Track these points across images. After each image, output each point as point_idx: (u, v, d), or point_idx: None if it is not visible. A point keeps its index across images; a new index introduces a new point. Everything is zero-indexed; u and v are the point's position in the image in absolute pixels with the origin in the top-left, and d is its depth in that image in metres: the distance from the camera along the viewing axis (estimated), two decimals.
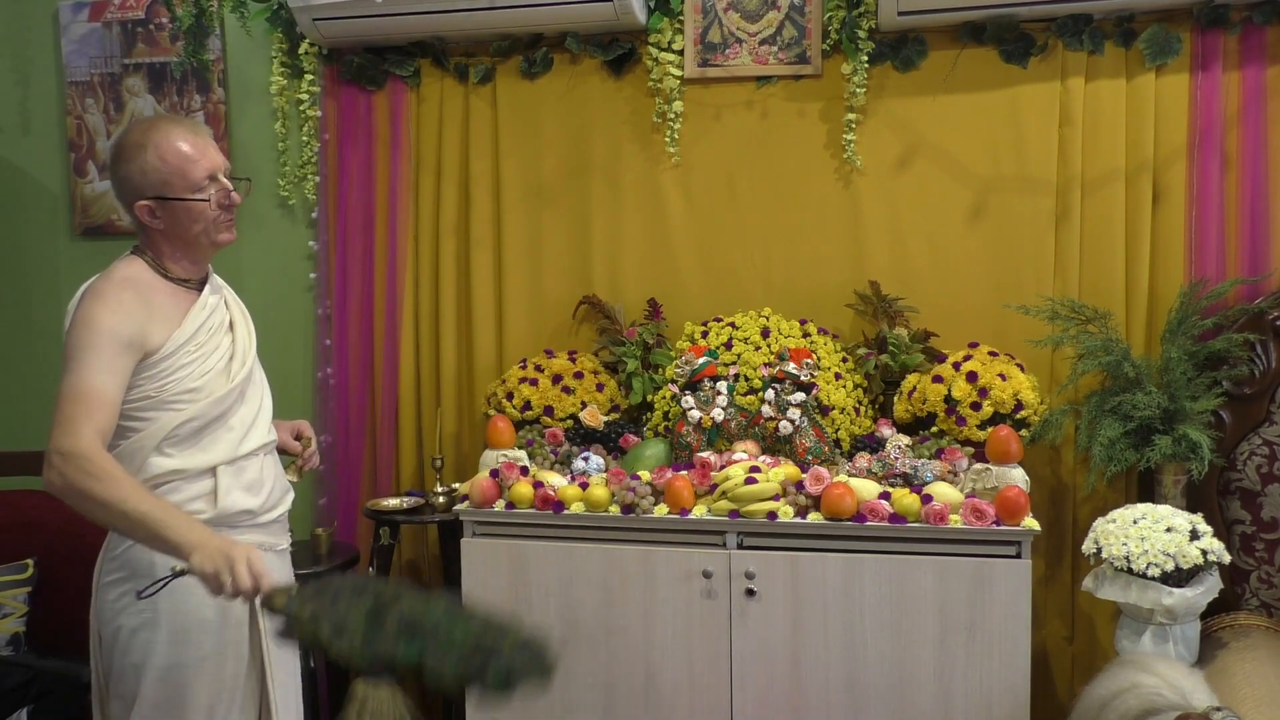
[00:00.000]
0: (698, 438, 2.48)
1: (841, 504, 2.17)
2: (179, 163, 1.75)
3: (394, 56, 2.91)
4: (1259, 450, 2.42)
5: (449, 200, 2.92)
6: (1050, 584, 2.64)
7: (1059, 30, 2.55)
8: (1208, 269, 2.51)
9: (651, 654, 2.29)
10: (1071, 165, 2.58)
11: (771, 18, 2.72)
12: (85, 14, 3.15)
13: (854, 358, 2.64)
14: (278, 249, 3.11)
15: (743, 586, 2.22)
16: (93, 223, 3.21)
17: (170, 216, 1.77)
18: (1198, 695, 1.79)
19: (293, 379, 3.10)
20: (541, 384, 2.66)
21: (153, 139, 1.75)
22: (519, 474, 2.40)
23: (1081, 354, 2.45)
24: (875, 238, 2.71)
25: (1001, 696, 2.14)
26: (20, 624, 2.67)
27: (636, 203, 2.83)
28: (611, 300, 2.82)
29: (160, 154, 1.74)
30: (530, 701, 2.33)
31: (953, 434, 2.44)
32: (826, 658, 2.21)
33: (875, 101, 2.68)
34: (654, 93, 2.79)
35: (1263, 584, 2.42)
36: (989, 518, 2.12)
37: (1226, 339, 2.41)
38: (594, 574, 2.30)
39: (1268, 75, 2.49)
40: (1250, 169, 2.51)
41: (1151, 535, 2.08)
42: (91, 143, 3.18)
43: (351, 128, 2.97)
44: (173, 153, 1.75)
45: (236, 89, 3.10)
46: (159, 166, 1.74)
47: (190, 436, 1.75)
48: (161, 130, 1.76)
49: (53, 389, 1.66)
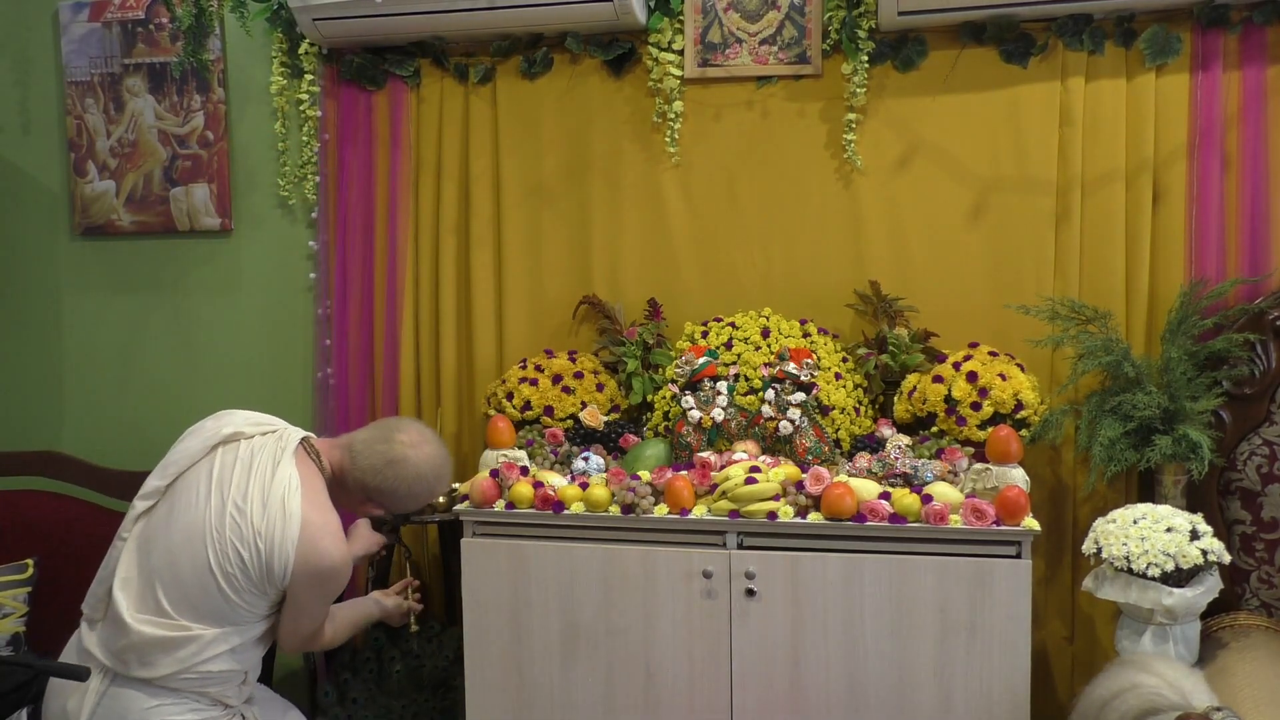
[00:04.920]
0: (698, 438, 2.48)
1: (841, 504, 2.17)
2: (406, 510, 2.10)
3: (394, 56, 2.91)
4: (1259, 450, 2.42)
5: (449, 200, 2.92)
6: (1050, 584, 2.64)
7: (1059, 30, 2.56)
8: (1208, 269, 2.51)
9: (651, 654, 2.29)
10: (1071, 165, 2.58)
11: (771, 18, 2.72)
12: (85, 14, 3.15)
13: (854, 358, 2.64)
14: (278, 249, 3.11)
15: (743, 586, 2.22)
16: (92, 223, 3.21)
17: (364, 512, 2.07)
18: (1198, 695, 1.79)
19: (293, 379, 3.10)
20: (541, 384, 2.66)
21: (419, 496, 2.03)
22: (519, 474, 2.40)
23: (1081, 354, 2.45)
24: (875, 238, 2.71)
25: (1001, 696, 2.14)
26: (20, 624, 2.67)
27: (636, 203, 2.83)
28: (611, 300, 2.82)
29: (405, 503, 2.04)
30: (530, 701, 2.34)
31: (953, 434, 2.44)
32: (826, 658, 2.21)
33: (875, 101, 2.69)
34: (654, 93, 2.79)
35: (1263, 584, 2.42)
36: (989, 518, 2.12)
37: (1227, 339, 2.41)
38: (594, 574, 2.30)
39: (1268, 75, 2.49)
40: (1250, 169, 2.51)
41: (1152, 535, 2.08)
42: (91, 143, 3.18)
43: (351, 128, 2.97)
44: (409, 509, 2.09)
45: (236, 89, 3.10)
46: (392, 507, 2.04)
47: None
48: (427, 495, 2.05)
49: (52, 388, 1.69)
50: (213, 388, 3.17)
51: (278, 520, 1.81)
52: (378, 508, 2.02)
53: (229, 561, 1.80)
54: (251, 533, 1.80)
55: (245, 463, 1.87)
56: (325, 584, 1.86)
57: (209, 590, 1.81)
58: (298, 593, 1.85)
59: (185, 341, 3.20)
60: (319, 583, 1.85)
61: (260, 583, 1.82)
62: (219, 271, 3.18)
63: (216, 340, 3.18)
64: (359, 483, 1.97)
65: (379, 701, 2.62)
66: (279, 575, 1.81)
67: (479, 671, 2.38)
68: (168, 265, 3.20)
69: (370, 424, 2.07)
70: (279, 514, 1.81)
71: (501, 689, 2.37)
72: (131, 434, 3.23)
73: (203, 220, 3.14)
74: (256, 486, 1.83)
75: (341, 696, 2.63)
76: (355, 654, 2.68)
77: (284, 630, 1.92)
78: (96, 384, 3.26)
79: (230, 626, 1.84)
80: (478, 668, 2.38)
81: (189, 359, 3.20)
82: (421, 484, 2.00)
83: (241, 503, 1.82)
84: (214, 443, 1.90)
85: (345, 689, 2.64)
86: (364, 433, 2.02)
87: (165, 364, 3.21)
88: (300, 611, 1.89)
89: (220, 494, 1.83)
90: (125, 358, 3.24)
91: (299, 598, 1.86)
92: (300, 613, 1.89)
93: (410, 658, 2.67)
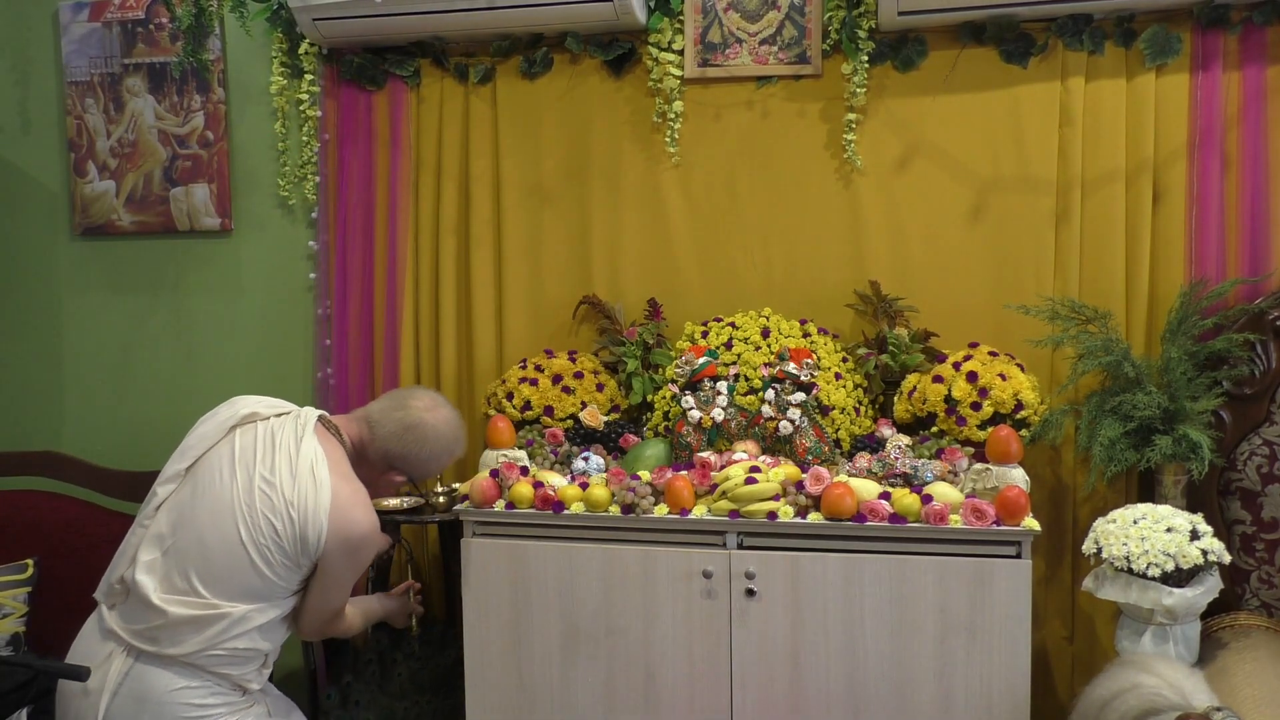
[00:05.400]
0: (698, 438, 2.48)
1: (841, 504, 2.17)
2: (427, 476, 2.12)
3: (394, 56, 2.91)
4: (1259, 450, 2.42)
5: (449, 200, 2.92)
6: (1050, 584, 2.64)
7: (1059, 30, 2.56)
8: (1208, 269, 2.51)
9: (651, 654, 2.29)
10: (1071, 165, 2.58)
11: (771, 18, 2.72)
12: (85, 14, 3.15)
13: (854, 358, 2.64)
14: (278, 249, 3.11)
15: (743, 586, 2.22)
16: (92, 223, 3.21)
17: (387, 482, 2.07)
18: (1198, 695, 1.79)
19: (293, 379, 3.10)
20: (541, 384, 2.66)
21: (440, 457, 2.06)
22: (519, 474, 2.40)
23: (1081, 354, 2.45)
24: (875, 237, 2.71)
25: (1001, 696, 2.14)
26: (20, 624, 2.67)
27: (636, 203, 2.83)
28: (611, 300, 2.82)
29: (428, 467, 2.06)
30: (530, 701, 2.34)
31: (953, 434, 2.44)
32: (826, 658, 2.21)
33: (875, 101, 2.69)
34: (654, 93, 2.79)
35: (1263, 584, 2.42)
36: (989, 518, 2.12)
37: (1227, 339, 2.41)
38: (594, 574, 2.30)
39: (1268, 75, 2.49)
40: (1250, 169, 2.51)
41: (1152, 535, 2.08)
42: (91, 143, 3.18)
43: (351, 128, 2.97)
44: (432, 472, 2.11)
45: (236, 89, 3.10)
46: (414, 472, 2.06)
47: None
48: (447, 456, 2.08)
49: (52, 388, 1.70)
50: (213, 388, 3.16)
51: (309, 490, 1.83)
52: (400, 475, 2.03)
53: (261, 534, 1.81)
54: (283, 503, 1.82)
55: (267, 440, 1.89)
56: (357, 552, 1.87)
57: (241, 566, 1.82)
58: (330, 563, 1.86)
59: (185, 341, 3.20)
60: (351, 550, 1.86)
61: (294, 554, 1.83)
62: (219, 271, 3.18)
63: (216, 340, 3.18)
64: (381, 452, 2.00)
65: (381, 703, 2.62)
66: (313, 544, 1.82)
67: (479, 671, 2.38)
68: (168, 265, 3.20)
69: (382, 396, 2.09)
70: (309, 484, 1.83)
71: (501, 688, 2.37)
72: (131, 434, 3.23)
73: (203, 220, 3.14)
74: (283, 460, 1.85)
75: (344, 699, 2.63)
76: (357, 656, 2.68)
77: (310, 606, 1.92)
78: (96, 384, 3.26)
79: (262, 603, 1.85)
80: (478, 667, 2.38)
81: (189, 359, 3.20)
82: (441, 445, 2.03)
83: (270, 475, 1.84)
84: (231, 424, 1.93)
85: (348, 691, 2.64)
86: (378, 404, 2.05)
87: (165, 364, 3.21)
88: (331, 583, 1.89)
89: (245, 471, 1.85)
90: (125, 358, 3.24)
91: (332, 568, 1.86)
92: (331, 585, 1.90)
93: (412, 660, 2.67)
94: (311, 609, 1.93)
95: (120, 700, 1.80)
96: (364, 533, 1.87)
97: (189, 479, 1.90)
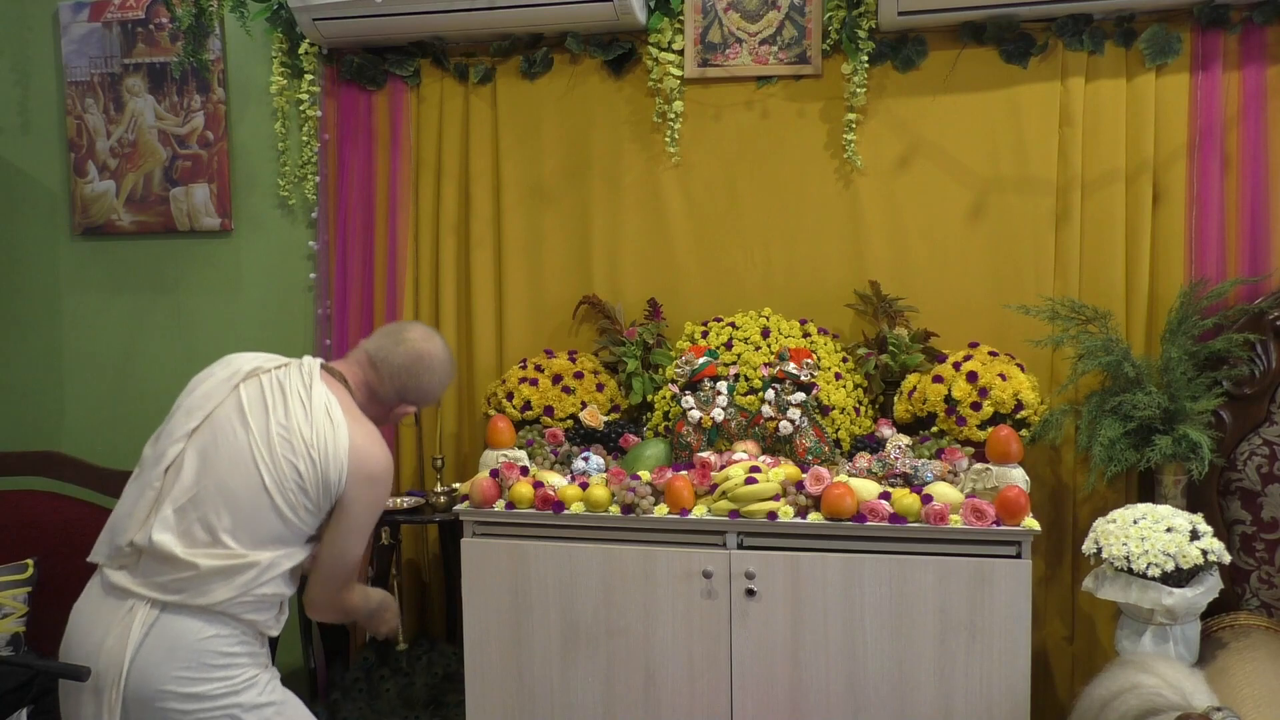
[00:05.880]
0: (698, 438, 2.48)
1: (841, 504, 2.17)
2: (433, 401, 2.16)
3: (394, 56, 2.91)
4: (1259, 450, 2.42)
5: (449, 200, 2.92)
6: (1050, 584, 2.64)
7: (1059, 30, 2.56)
8: (1208, 269, 2.51)
9: (651, 654, 2.29)
10: (1071, 165, 2.58)
11: (771, 18, 2.72)
12: (85, 14, 3.16)
13: (854, 358, 2.64)
14: (278, 249, 3.11)
15: (743, 586, 2.22)
16: (92, 223, 3.21)
17: (395, 416, 2.10)
18: (1198, 695, 1.79)
19: None
20: (541, 384, 2.66)
21: (445, 382, 2.12)
22: (519, 474, 2.40)
23: (1081, 354, 2.45)
24: (875, 238, 2.71)
25: (1001, 696, 2.14)
26: (20, 624, 2.67)
27: (636, 203, 2.83)
28: (611, 300, 2.82)
29: (435, 393, 2.11)
30: (530, 701, 2.34)
31: (953, 434, 2.44)
32: (826, 658, 2.21)
33: (875, 101, 2.69)
34: (654, 93, 2.79)
35: (1263, 584, 2.42)
36: (989, 518, 2.12)
37: (1227, 339, 2.41)
38: (594, 574, 2.30)
39: (1268, 75, 2.49)
40: (1250, 169, 2.51)
41: (1152, 535, 2.08)
42: (91, 143, 3.18)
43: (351, 128, 2.97)
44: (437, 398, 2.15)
45: (236, 89, 3.10)
46: (425, 399, 2.10)
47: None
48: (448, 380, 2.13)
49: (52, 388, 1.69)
50: None
51: (326, 430, 1.87)
52: (411, 405, 2.08)
53: (285, 479, 1.84)
54: (304, 446, 1.85)
55: (275, 390, 1.92)
56: (376, 487, 1.92)
57: (266, 512, 1.84)
58: (351, 501, 1.89)
59: (185, 341, 3.20)
60: (371, 486, 1.90)
61: (317, 497, 1.86)
62: (219, 271, 3.18)
63: (216, 340, 3.17)
64: (392, 386, 2.04)
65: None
66: (335, 482, 1.86)
67: (479, 671, 2.38)
68: (168, 265, 3.20)
69: (370, 336, 2.11)
70: (326, 425, 1.87)
71: (501, 688, 2.37)
72: (131, 434, 3.22)
73: (203, 220, 3.14)
74: (296, 405, 1.89)
75: (333, 716, 2.62)
76: (346, 673, 2.68)
77: (327, 558, 1.92)
78: (96, 384, 3.26)
79: (288, 548, 1.88)
80: (478, 668, 2.38)
81: (189, 359, 3.19)
82: (445, 371, 2.10)
83: (285, 421, 1.87)
84: (236, 381, 1.95)
85: (336, 709, 2.63)
86: (373, 342, 2.08)
87: (165, 364, 3.21)
88: (352, 525, 1.91)
89: (258, 421, 1.88)
90: (125, 358, 3.24)
91: (352, 507, 1.89)
92: (351, 528, 1.91)
93: (401, 676, 2.67)
94: (329, 560, 1.93)
95: (147, 650, 1.80)
96: (384, 467, 1.93)
97: (199, 437, 1.90)
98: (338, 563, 1.93)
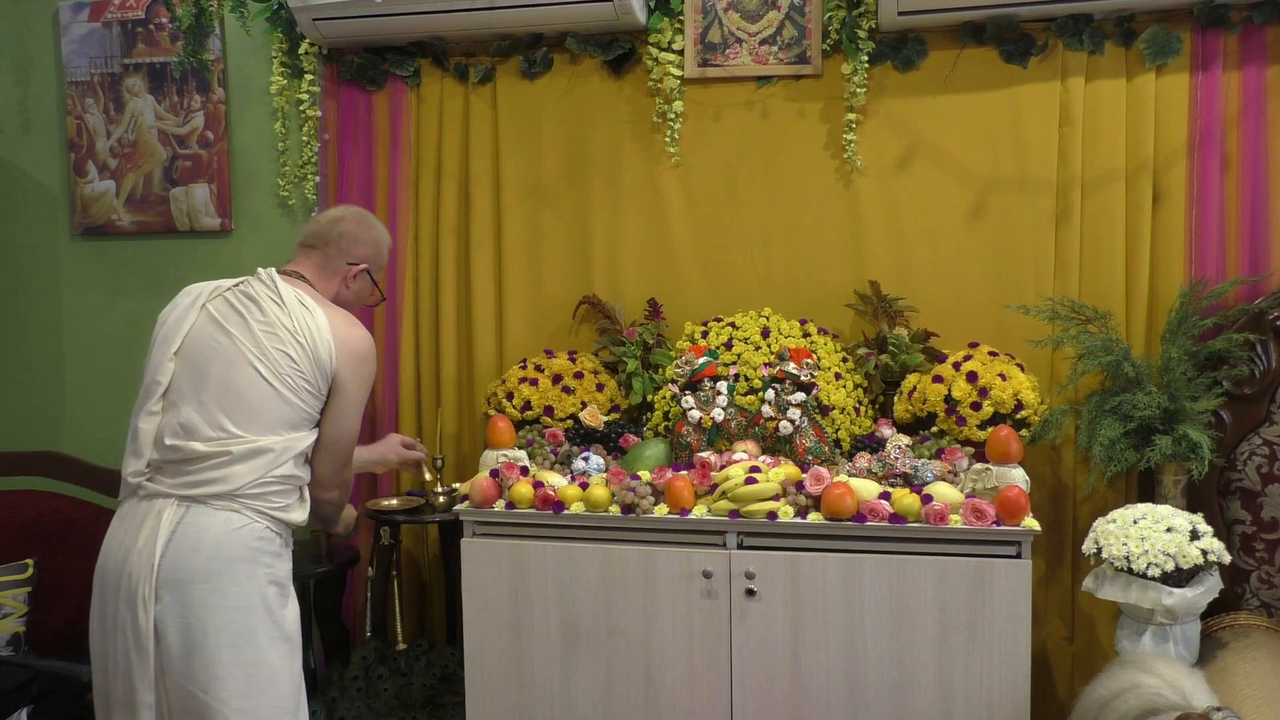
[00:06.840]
0: (698, 438, 2.48)
1: (841, 504, 2.17)
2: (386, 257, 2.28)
3: (394, 56, 2.91)
4: (1259, 450, 2.42)
5: (449, 200, 2.92)
6: (1050, 584, 2.64)
7: (1059, 30, 2.56)
8: (1208, 269, 2.51)
9: (651, 654, 2.29)
10: (1071, 165, 2.58)
11: (771, 18, 2.72)
12: (85, 14, 3.16)
13: (854, 358, 2.64)
14: (278, 249, 3.10)
15: (743, 586, 2.22)
16: (92, 223, 3.21)
17: (357, 285, 2.18)
18: (1198, 695, 1.79)
19: None
20: (541, 384, 2.66)
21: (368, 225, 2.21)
22: (519, 474, 2.40)
23: (1081, 354, 2.45)
24: (875, 237, 2.71)
25: (1001, 696, 2.14)
26: (20, 624, 2.67)
27: (636, 203, 2.83)
28: (611, 300, 2.82)
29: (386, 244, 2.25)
30: (530, 701, 2.34)
31: (953, 434, 2.44)
32: (826, 658, 2.21)
33: (875, 101, 2.69)
34: (654, 93, 2.79)
35: (1263, 584, 2.42)
36: (989, 518, 2.12)
37: (1227, 339, 2.41)
38: (594, 574, 2.30)
39: (1268, 75, 2.49)
40: (1250, 169, 2.51)
41: (1152, 535, 2.08)
42: (91, 143, 3.18)
43: (351, 128, 2.97)
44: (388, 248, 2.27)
45: (236, 89, 3.10)
46: (382, 252, 2.23)
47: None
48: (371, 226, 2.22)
49: (52, 388, 1.70)
50: None
51: (304, 318, 1.98)
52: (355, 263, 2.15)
53: (280, 368, 1.94)
54: (289, 335, 1.96)
55: (243, 299, 2.01)
56: (363, 364, 2.04)
57: (271, 401, 1.94)
58: (344, 381, 2.00)
59: None
60: (359, 362, 2.02)
61: (314, 380, 1.97)
62: (219, 271, 3.13)
63: None
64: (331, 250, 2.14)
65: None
66: (327, 361, 1.97)
67: (479, 671, 2.38)
68: (168, 265, 3.20)
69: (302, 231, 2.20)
70: (302, 314, 1.99)
71: (501, 688, 2.37)
72: None
73: (203, 220, 3.14)
74: (270, 305, 1.99)
75: (330, 715, 2.62)
76: (343, 672, 2.68)
77: (328, 439, 2.01)
78: (96, 384, 3.26)
79: (297, 432, 1.96)
80: (478, 667, 2.38)
81: None
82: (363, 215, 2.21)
83: (264, 318, 1.97)
84: (202, 301, 2.04)
85: (333, 708, 2.63)
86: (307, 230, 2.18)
87: None
88: (347, 403, 2.01)
89: (239, 327, 1.97)
90: (125, 358, 3.24)
91: (346, 387, 2.00)
92: (347, 405, 2.01)
93: (399, 676, 2.67)
94: (332, 437, 2.02)
95: (177, 543, 1.86)
96: (367, 344, 2.06)
97: (183, 357, 1.98)
98: (341, 439, 2.03)
